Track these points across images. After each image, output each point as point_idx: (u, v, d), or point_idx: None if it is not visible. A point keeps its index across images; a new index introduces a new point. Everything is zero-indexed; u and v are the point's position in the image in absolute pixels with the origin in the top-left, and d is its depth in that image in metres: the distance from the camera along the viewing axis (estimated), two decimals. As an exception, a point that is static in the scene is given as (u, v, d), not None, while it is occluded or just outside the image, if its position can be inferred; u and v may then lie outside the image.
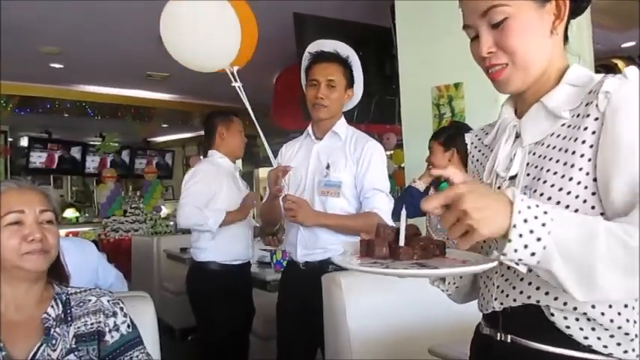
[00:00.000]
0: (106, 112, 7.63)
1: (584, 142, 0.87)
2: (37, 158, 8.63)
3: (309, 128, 2.18)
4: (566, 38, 0.98)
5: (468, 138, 1.17)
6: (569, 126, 0.91)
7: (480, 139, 1.12)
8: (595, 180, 0.85)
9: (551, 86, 0.94)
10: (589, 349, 0.87)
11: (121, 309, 1.29)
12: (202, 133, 3.02)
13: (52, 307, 1.21)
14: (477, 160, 1.10)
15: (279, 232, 2.69)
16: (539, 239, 0.75)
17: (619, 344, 0.86)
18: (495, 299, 0.95)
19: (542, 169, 0.91)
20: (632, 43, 5.63)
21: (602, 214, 0.84)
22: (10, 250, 1.17)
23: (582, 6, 0.97)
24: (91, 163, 9.28)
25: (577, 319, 0.86)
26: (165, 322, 4.34)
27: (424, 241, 0.91)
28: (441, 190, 0.77)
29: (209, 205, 2.68)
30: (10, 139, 8.22)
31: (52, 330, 1.17)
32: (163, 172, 10.20)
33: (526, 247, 0.75)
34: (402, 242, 0.89)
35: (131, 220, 6.86)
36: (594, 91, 0.87)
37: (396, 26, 3.55)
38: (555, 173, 0.88)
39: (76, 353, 1.17)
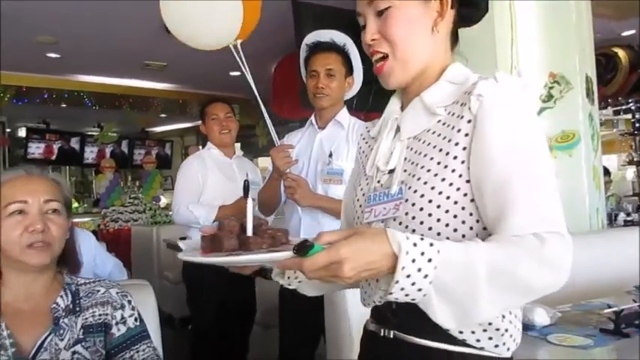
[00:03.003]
0: (103, 102, 7.59)
1: (457, 144, 0.88)
2: (36, 149, 8.57)
3: (312, 118, 2.19)
4: (456, 40, 1.00)
5: (360, 131, 1.19)
6: (444, 124, 0.92)
7: (368, 131, 1.12)
8: (468, 182, 0.86)
9: (431, 83, 0.96)
10: (463, 343, 0.88)
11: (129, 302, 1.28)
12: (200, 122, 2.97)
13: (62, 297, 1.20)
14: (363, 152, 1.11)
15: None
16: (426, 276, 0.76)
17: (490, 338, 0.88)
18: (375, 294, 0.94)
19: (417, 165, 0.92)
20: (631, 32, 5.61)
21: (471, 214, 0.87)
22: (12, 243, 1.14)
23: (477, 14, 0.99)
24: (90, 153, 9.22)
25: None
26: (165, 312, 4.36)
27: (272, 230, 0.90)
28: (316, 252, 0.75)
29: (201, 199, 2.66)
30: (7, 130, 8.19)
31: (61, 320, 1.17)
32: (162, 162, 10.16)
33: (413, 284, 0.77)
34: (249, 232, 0.87)
35: (130, 210, 6.87)
36: (468, 93, 0.88)
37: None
38: (429, 171, 0.90)
39: (83, 344, 1.17)
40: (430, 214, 0.87)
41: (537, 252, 0.77)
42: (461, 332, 0.87)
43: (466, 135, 0.87)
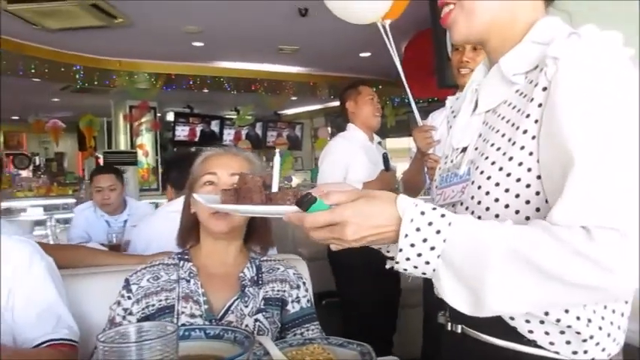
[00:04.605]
0: (240, 86, 8.03)
1: (528, 116, 0.75)
2: (181, 132, 9.37)
3: (457, 95, 2.12)
4: None
5: (449, 102, 1.08)
6: (521, 93, 0.79)
7: (457, 100, 1.02)
8: (539, 162, 0.74)
9: (514, 45, 0.82)
10: (534, 344, 0.76)
11: (304, 284, 1.36)
12: (329, 105, 3.00)
13: (248, 268, 1.30)
14: (450, 127, 1.00)
15: None
16: (433, 248, 0.70)
17: (568, 343, 0.75)
18: (387, 263, 0.87)
19: (487, 142, 0.81)
20: None
21: (547, 200, 0.73)
22: (202, 210, 1.25)
23: None
24: (228, 135, 9.88)
25: None
26: (301, 287, 4.53)
27: (294, 189, 0.87)
28: (314, 210, 0.73)
29: (347, 179, 2.70)
30: (158, 115, 9.00)
31: (247, 289, 1.27)
32: (293, 143, 10.58)
33: (420, 255, 0.71)
34: (275, 188, 0.86)
35: (266, 189, 7.24)
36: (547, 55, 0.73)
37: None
38: (499, 149, 0.79)
39: (264, 313, 1.26)
40: (497, 200, 0.77)
41: (579, 246, 0.64)
42: (531, 332, 0.77)
43: (539, 105, 0.75)
